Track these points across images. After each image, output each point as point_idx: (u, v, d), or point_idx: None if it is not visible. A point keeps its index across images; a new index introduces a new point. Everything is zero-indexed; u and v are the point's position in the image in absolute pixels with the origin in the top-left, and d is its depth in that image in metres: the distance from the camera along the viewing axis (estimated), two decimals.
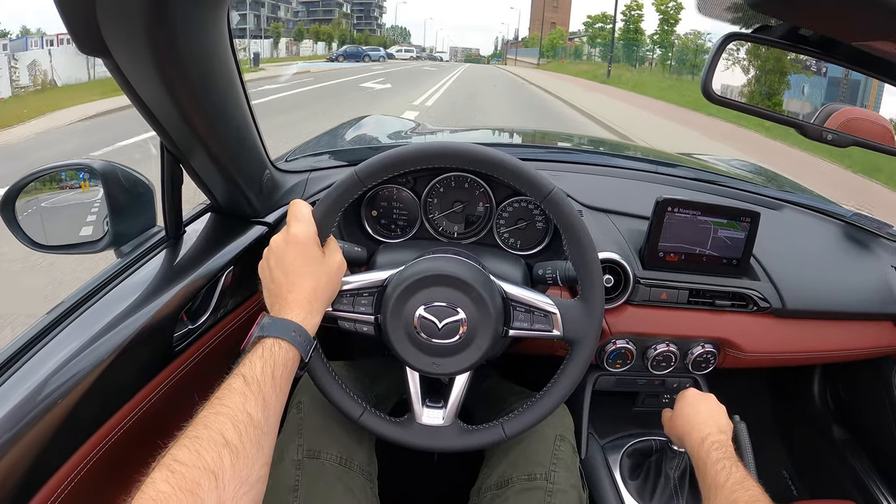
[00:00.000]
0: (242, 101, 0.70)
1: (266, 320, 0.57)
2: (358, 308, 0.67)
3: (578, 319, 0.67)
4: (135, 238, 0.79)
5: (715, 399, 0.77)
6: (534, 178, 0.65)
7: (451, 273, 0.64)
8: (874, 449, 1.10)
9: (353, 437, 0.76)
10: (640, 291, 0.87)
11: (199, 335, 0.75)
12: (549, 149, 1.31)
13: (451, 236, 0.90)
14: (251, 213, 0.86)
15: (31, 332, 0.62)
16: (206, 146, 0.67)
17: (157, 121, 0.62)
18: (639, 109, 11.42)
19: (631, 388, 1.00)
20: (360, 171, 0.65)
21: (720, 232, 0.87)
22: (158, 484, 0.40)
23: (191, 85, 0.58)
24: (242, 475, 0.44)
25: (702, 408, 0.75)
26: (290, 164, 1.04)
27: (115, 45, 0.50)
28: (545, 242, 0.89)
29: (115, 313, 0.65)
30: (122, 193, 0.77)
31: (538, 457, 0.76)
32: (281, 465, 0.72)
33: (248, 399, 0.48)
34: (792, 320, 0.91)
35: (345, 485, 0.72)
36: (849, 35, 0.53)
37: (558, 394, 0.68)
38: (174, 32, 0.51)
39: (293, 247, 0.61)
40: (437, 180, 0.87)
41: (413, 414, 0.69)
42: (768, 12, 0.53)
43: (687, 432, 0.73)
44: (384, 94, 12.61)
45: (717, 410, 0.75)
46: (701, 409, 0.75)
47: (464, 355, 0.65)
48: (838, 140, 0.64)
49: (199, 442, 0.43)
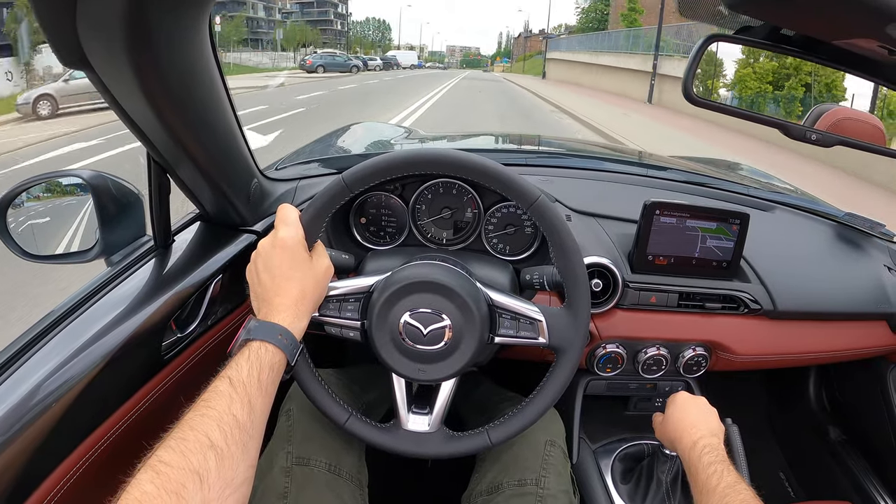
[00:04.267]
0: (227, 110, 0.70)
1: (252, 323, 0.57)
2: (344, 314, 0.67)
3: (564, 327, 0.66)
4: (124, 247, 0.79)
5: (706, 402, 0.77)
6: (519, 186, 0.65)
7: (436, 280, 0.64)
8: (870, 449, 1.09)
9: (342, 444, 0.76)
10: (629, 295, 0.87)
11: (188, 343, 0.75)
12: (539, 154, 1.31)
13: (440, 242, 0.90)
14: (240, 221, 0.87)
15: (20, 340, 0.62)
16: (191, 156, 0.67)
17: (141, 131, 0.62)
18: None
19: (622, 392, 0.99)
20: (347, 176, 0.65)
21: (709, 236, 0.87)
22: (144, 485, 0.40)
23: (173, 95, 0.58)
24: (227, 477, 0.44)
25: (692, 411, 0.74)
26: (279, 172, 1.04)
27: (95, 58, 0.51)
28: (534, 247, 0.89)
29: (104, 322, 0.65)
30: (111, 203, 0.77)
31: (529, 462, 0.75)
32: (270, 472, 0.71)
33: (234, 401, 0.49)
34: (784, 322, 0.91)
35: (334, 492, 0.71)
36: (830, 34, 0.54)
37: (544, 401, 0.68)
38: (155, 43, 0.51)
39: (280, 250, 0.61)
40: (425, 187, 0.87)
41: (399, 420, 0.69)
42: (747, 13, 0.53)
43: (678, 436, 0.72)
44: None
45: (708, 413, 0.75)
46: (691, 412, 0.74)
47: (449, 362, 0.65)
48: (823, 140, 0.64)
49: (184, 443, 0.44)
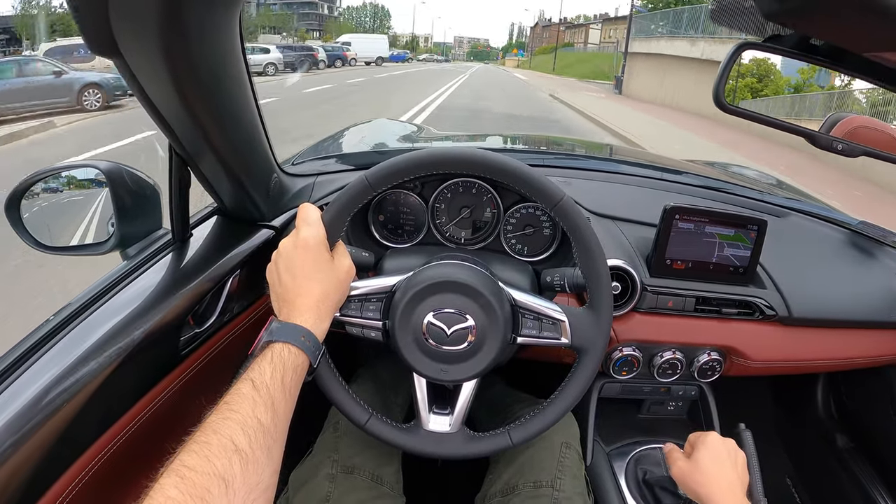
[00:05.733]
0: (252, 104, 0.69)
1: (275, 325, 0.56)
2: (366, 314, 0.67)
3: (587, 328, 0.66)
4: (141, 240, 0.79)
5: (735, 445, 0.71)
6: (545, 186, 0.65)
7: (460, 280, 0.64)
8: (878, 457, 1.09)
9: (384, 456, 0.77)
10: (647, 299, 0.87)
11: (205, 339, 0.75)
12: (557, 155, 1.31)
13: (458, 242, 0.89)
14: (258, 216, 0.86)
15: (36, 334, 0.62)
16: (214, 148, 0.67)
17: (166, 122, 0.62)
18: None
19: (636, 395, 0.99)
20: (371, 175, 0.64)
21: (727, 241, 0.87)
22: (168, 489, 0.40)
23: (202, 87, 0.57)
24: (252, 481, 0.44)
25: (727, 468, 0.67)
26: (297, 167, 1.04)
27: (126, 47, 0.50)
28: (553, 249, 0.88)
29: (121, 316, 0.64)
30: (127, 195, 0.76)
31: (544, 464, 0.75)
32: (315, 478, 0.73)
33: (258, 404, 0.48)
34: (798, 328, 0.91)
35: (375, 501, 0.73)
36: (861, 46, 0.54)
37: (565, 402, 0.67)
38: (187, 34, 0.50)
39: (302, 251, 0.60)
40: (445, 185, 0.87)
41: (419, 420, 0.69)
42: (783, 23, 0.53)
43: (709, 494, 0.65)
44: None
45: (743, 470, 0.68)
46: (726, 470, 0.66)
47: (472, 362, 0.64)
48: (849, 150, 0.64)
49: (208, 447, 0.43)
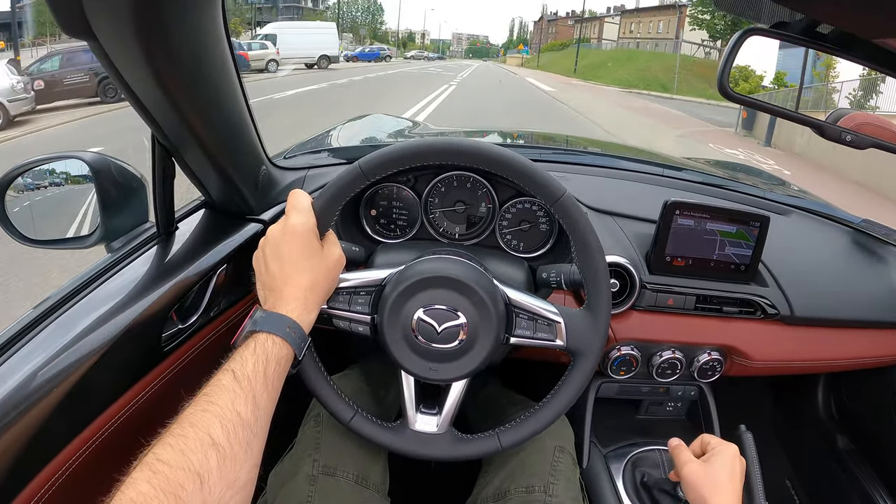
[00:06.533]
0: (238, 92, 0.67)
1: (259, 314, 0.54)
2: (354, 307, 0.65)
3: (583, 329, 0.64)
4: (126, 234, 0.77)
5: (744, 463, 0.67)
6: (545, 181, 0.62)
7: (453, 275, 0.61)
8: (879, 458, 1.07)
9: (370, 455, 0.74)
10: (646, 297, 0.85)
11: (190, 335, 0.73)
12: (555, 150, 1.28)
13: (452, 237, 0.87)
14: (246, 210, 0.84)
15: (14, 327, 0.60)
16: (199, 138, 0.64)
17: (146, 110, 0.59)
18: None
19: (634, 395, 0.98)
20: (364, 163, 0.62)
21: (728, 238, 0.85)
22: (139, 484, 0.38)
23: (182, 71, 0.55)
24: (229, 478, 0.42)
25: (736, 484, 0.64)
26: (288, 161, 1.02)
27: (100, 27, 0.47)
28: (549, 245, 0.86)
29: (102, 310, 0.62)
30: (113, 187, 0.74)
31: (536, 468, 0.73)
32: (295, 479, 0.69)
33: (238, 397, 0.46)
34: (800, 328, 0.89)
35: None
36: (870, 31, 0.52)
37: (558, 406, 0.65)
38: (164, 14, 0.48)
39: (291, 238, 0.58)
40: (439, 179, 0.85)
41: (406, 420, 0.67)
42: (791, 6, 0.51)
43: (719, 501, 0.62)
44: None
45: (741, 482, 0.65)
46: (736, 486, 0.63)
47: (462, 361, 0.62)
48: (858, 142, 0.62)
49: (184, 441, 0.41)
